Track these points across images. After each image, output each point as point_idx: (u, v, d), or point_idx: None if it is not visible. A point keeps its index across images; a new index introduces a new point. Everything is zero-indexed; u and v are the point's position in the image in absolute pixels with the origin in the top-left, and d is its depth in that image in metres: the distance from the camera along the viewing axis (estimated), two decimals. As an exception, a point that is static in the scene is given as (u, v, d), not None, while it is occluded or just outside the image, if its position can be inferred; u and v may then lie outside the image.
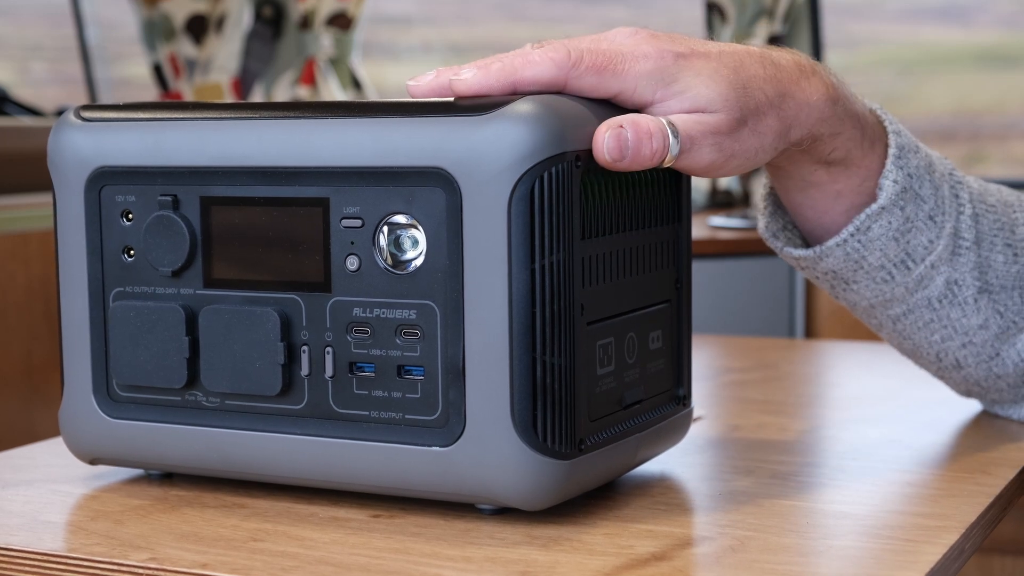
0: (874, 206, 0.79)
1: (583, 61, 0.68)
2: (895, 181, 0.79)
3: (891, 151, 0.79)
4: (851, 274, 0.82)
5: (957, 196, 0.83)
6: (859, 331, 2.00)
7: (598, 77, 0.68)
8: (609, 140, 0.67)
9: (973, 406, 0.92)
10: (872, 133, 0.79)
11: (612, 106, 0.69)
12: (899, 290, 0.82)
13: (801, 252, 0.82)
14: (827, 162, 0.78)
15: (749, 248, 2.29)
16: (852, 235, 0.79)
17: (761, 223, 0.84)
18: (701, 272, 1.94)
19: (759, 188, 2.73)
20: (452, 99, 0.67)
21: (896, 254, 0.80)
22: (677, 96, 0.69)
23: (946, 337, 0.84)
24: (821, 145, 0.76)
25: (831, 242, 0.80)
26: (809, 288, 2.29)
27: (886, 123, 0.80)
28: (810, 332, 2.28)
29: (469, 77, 0.67)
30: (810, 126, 0.74)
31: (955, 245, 0.82)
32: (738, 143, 0.70)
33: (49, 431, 1.35)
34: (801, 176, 0.79)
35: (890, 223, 0.79)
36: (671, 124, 0.68)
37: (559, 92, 0.68)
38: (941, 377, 0.89)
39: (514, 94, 0.67)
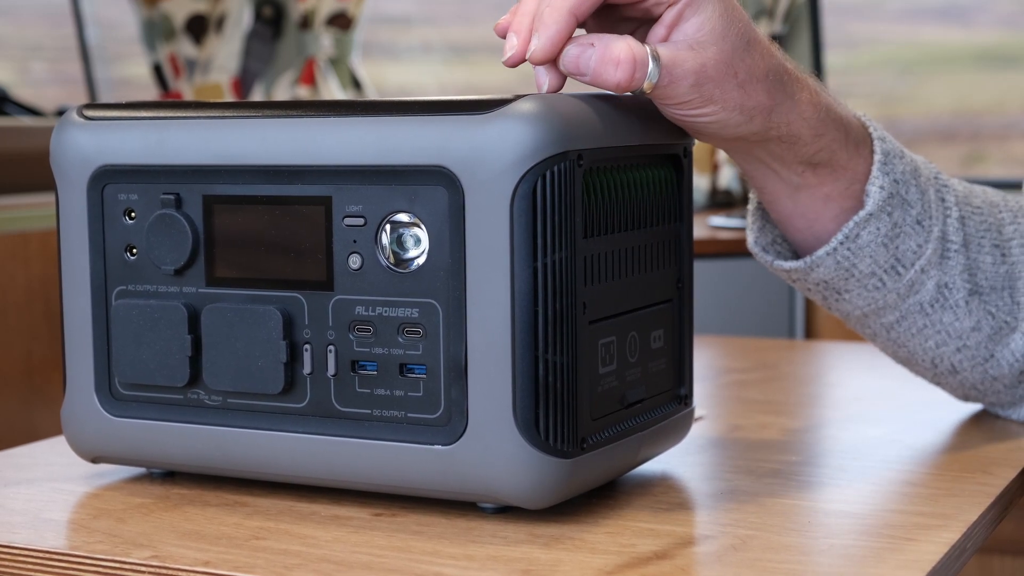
0: (862, 213, 0.79)
1: None
2: (882, 187, 0.79)
3: (876, 157, 0.79)
4: (842, 283, 0.82)
5: (943, 200, 0.83)
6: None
7: None
8: (569, 54, 0.68)
9: (973, 407, 0.92)
10: (857, 136, 0.79)
11: (615, 104, 0.69)
12: (891, 296, 0.82)
13: (791, 264, 0.82)
14: (813, 164, 0.78)
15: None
16: (842, 243, 0.79)
17: (750, 238, 0.84)
18: (701, 272, 1.94)
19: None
20: (454, 97, 0.67)
21: (886, 260, 0.80)
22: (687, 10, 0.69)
23: (940, 343, 0.84)
24: (803, 146, 0.76)
25: (821, 252, 0.80)
26: (809, 288, 2.28)
27: (871, 129, 0.81)
28: (810, 332, 2.28)
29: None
30: (791, 122, 0.74)
31: (943, 248, 0.82)
32: (720, 92, 0.70)
33: (49, 431, 1.35)
34: (789, 179, 0.79)
35: (879, 229, 0.79)
36: (655, 53, 0.68)
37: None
38: (938, 383, 0.89)
39: None
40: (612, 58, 0.67)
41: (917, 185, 0.81)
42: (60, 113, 2.66)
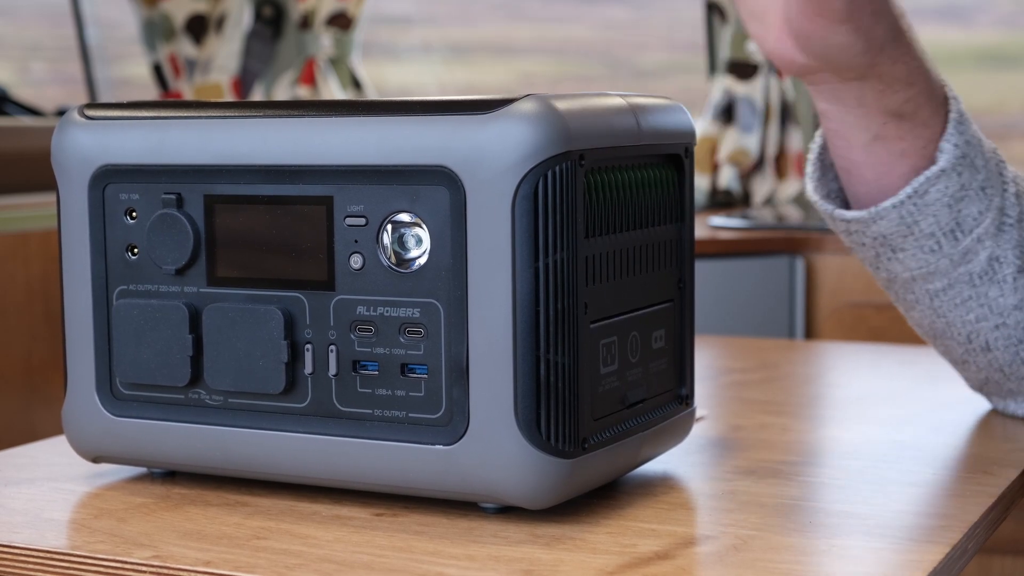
0: (934, 168, 0.80)
1: None
2: (956, 145, 0.80)
3: (952, 116, 0.81)
4: (901, 240, 0.82)
5: (1002, 174, 0.85)
6: (859, 332, 2.00)
7: None
8: None
9: (975, 407, 0.92)
10: (939, 95, 0.81)
11: (616, 104, 0.69)
12: (943, 262, 0.83)
13: (854, 214, 0.82)
14: (898, 114, 0.79)
15: (749, 248, 2.29)
16: (909, 197, 0.80)
17: (809, 186, 0.85)
18: (701, 272, 1.94)
19: (762, 186, 2.68)
20: (456, 97, 0.67)
21: (947, 222, 0.81)
22: None
23: (981, 317, 0.85)
24: (895, 92, 0.78)
25: (887, 203, 0.81)
26: (809, 288, 2.29)
27: (947, 89, 0.82)
28: (810, 332, 2.28)
29: None
30: (895, 59, 0.77)
31: (1000, 221, 0.83)
32: (859, 12, 0.73)
33: (49, 431, 1.35)
34: (869, 127, 0.80)
35: (947, 188, 0.80)
36: None
37: None
38: (964, 361, 0.88)
39: None
40: None
41: (983, 153, 0.83)
42: (60, 113, 2.66)
